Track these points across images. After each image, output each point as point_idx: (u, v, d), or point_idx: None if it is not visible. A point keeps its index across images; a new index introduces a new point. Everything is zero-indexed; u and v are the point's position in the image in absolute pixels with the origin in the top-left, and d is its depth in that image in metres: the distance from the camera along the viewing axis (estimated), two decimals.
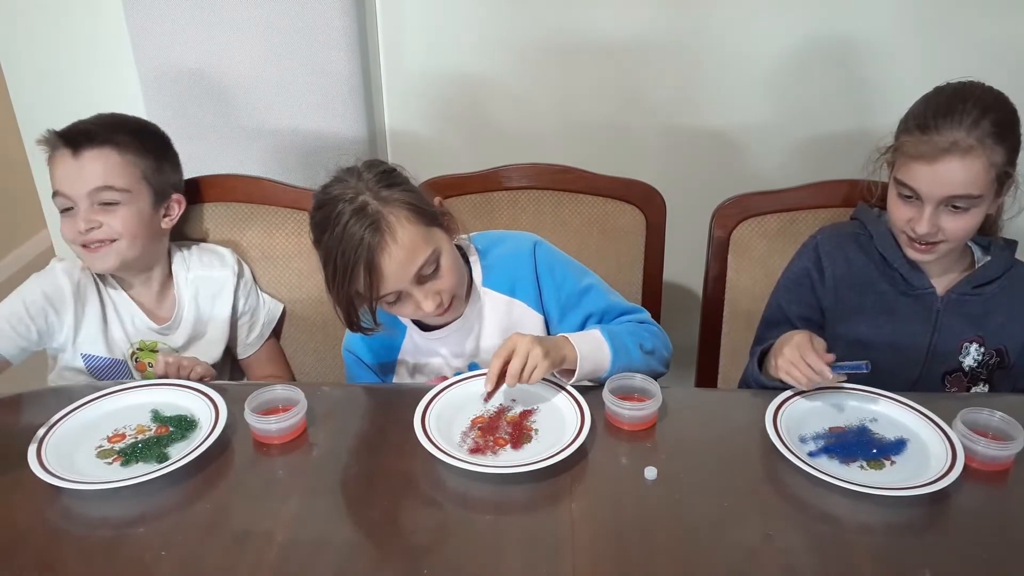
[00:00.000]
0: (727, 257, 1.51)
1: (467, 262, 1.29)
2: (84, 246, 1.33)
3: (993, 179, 1.18)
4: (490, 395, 1.13)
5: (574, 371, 1.16)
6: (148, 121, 1.43)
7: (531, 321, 1.29)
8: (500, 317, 1.29)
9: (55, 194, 1.33)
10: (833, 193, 1.47)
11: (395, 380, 1.33)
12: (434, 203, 1.21)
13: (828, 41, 1.75)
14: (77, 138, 1.31)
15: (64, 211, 1.33)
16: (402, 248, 1.12)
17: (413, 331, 1.30)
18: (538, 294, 1.29)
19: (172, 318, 1.42)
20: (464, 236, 1.28)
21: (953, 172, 1.17)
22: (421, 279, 1.16)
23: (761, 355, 1.25)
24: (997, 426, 1.07)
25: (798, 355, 1.12)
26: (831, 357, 1.12)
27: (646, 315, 1.32)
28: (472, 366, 1.30)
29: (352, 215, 1.12)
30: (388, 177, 1.16)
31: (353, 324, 1.19)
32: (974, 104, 1.17)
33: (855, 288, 1.31)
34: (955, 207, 1.19)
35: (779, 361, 1.15)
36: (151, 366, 1.41)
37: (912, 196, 1.21)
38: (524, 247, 1.29)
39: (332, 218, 1.13)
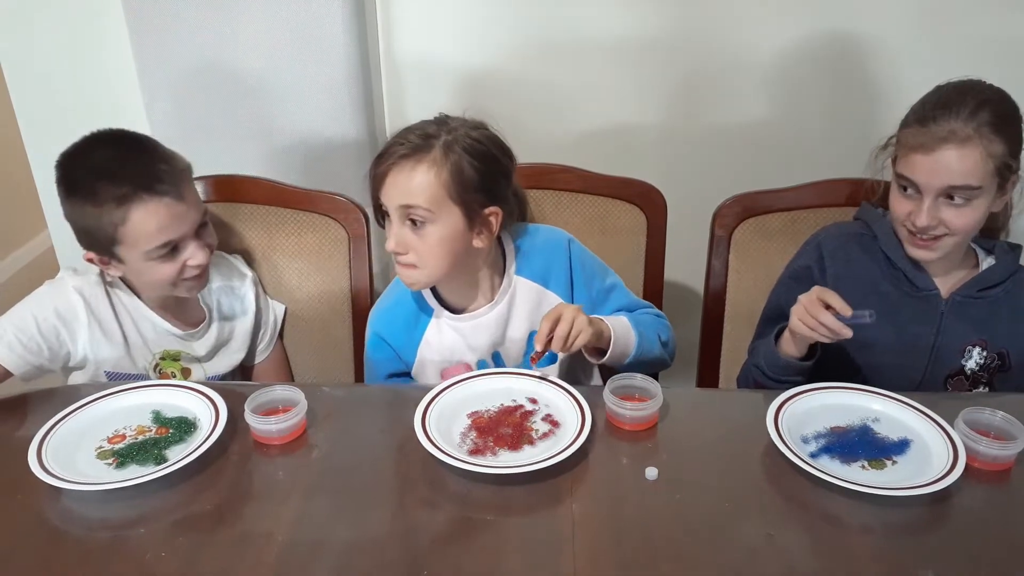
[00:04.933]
0: (728, 256, 1.51)
1: (503, 252, 1.32)
2: (187, 277, 1.30)
3: (993, 171, 1.17)
4: (538, 356, 1.19)
5: (605, 351, 1.22)
6: (110, 131, 1.33)
7: None
8: (531, 306, 1.31)
9: (158, 247, 1.25)
10: (834, 192, 1.47)
11: (415, 365, 1.33)
12: (497, 199, 1.23)
13: (829, 40, 1.75)
14: (168, 180, 1.24)
15: (167, 254, 1.26)
16: (409, 178, 1.18)
17: (441, 313, 1.31)
18: (570, 287, 1.32)
19: (199, 328, 1.41)
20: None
21: (950, 161, 1.17)
22: (408, 219, 1.19)
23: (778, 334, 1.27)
24: (999, 426, 1.07)
25: (805, 312, 1.16)
26: (848, 312, 1.14)
27: (658, 311, 1.39)
28: (495, 355, 1.31)
29: (413, 128, 1.21)
30: (474, 129, 1.23)
31: (377, 216, 1.26)
32: (972, 97, 1.17)
33: (858, 289, 1.30)
34: (955, 199, 1.19)
35: (793, 311, 1.19)
36: (174, 375, 1.40)
37: (912, 189, 1.21)
38: (560, 240, 1.33)
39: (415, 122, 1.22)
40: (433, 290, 1.32)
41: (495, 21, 1.77)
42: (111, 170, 1.24)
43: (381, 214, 1.24)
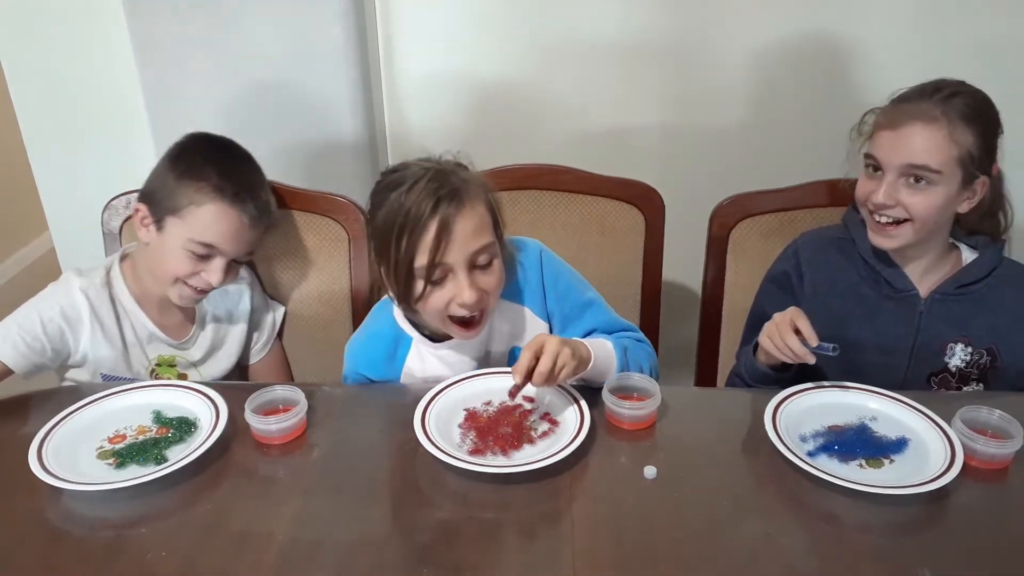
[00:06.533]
0: (726, 256, 1.51)
1: None
2: (191, 286, 1.33)
3: (956, 159, 1.17)
4: (517, 390, 1.11)
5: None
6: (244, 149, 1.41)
7: (538, 328, 1.28)
8: (509, 324, 1.29)
9: (201, 243, 1.30)
10: (831, 192, 1.47)
11: None
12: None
13: (827, 41, 1.76)
14: (260, 207, 1.34)
15: (199, 255, 1.31)
16: (472, 221, 1.12)
17: (419, 342, 1.28)
18: (543, 301, 1.29)
19: (191, 334, 1.43)
20: None
21: (914, 137, 1.17)
22: (473, 265, 1.14)
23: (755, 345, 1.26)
24: (996, 424, 1.07)
25: (775, 331, 1.17)
26: (814, 342, 1.14)
27: (641, 335, 1.33)
28: None
29: (434, 178, 1.11)
30: (465, 168, 1.18)
31: (407, 294, 1.15)
32: (950, 87, 1.19)
33: (836, 293, 1.31)
34: (914, 181, 1.19)
35: (765, 329, 1.19)
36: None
37: (876, 168, 1.22)
38: (532, 252, 1.29)
39: (408, 179, 1.12)
40: (409, 318, 1.28)
41: (494, 23, 1.78)
42: (227, 169, 1.32)
43: (425, 278, 1.13)
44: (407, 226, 1.10)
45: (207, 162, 1.32)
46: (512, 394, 1.13)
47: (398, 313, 1.29)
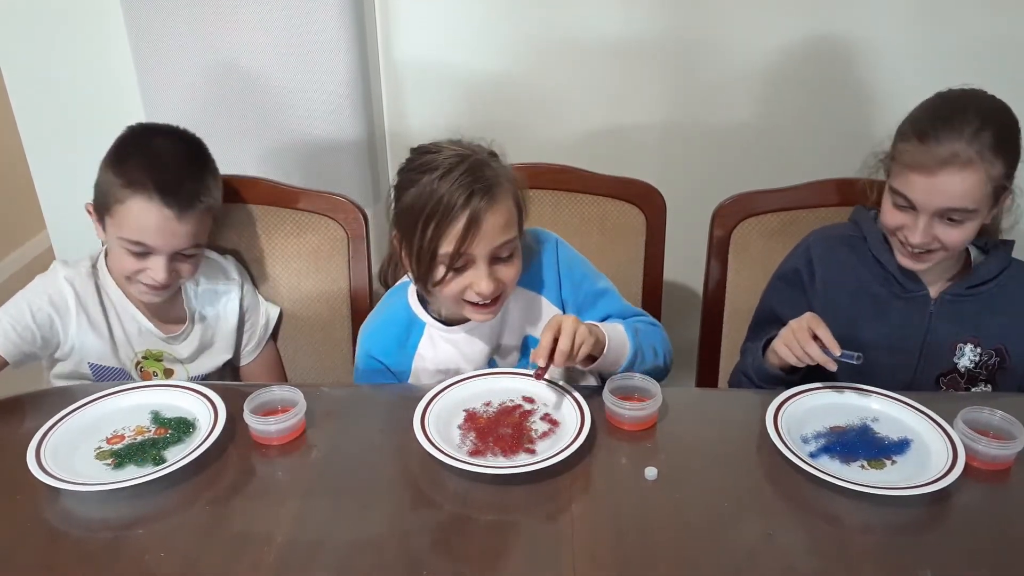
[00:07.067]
0: (727, 256, 1.51)
1: None
2: (144, 283, 1.32)
3: (990, 193, 1.17)
4: (544, 371, 1.13)
5: (595, 358, 1.18)
6: (196, 137, 1.38)
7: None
8: (524, 313, 1.30)
9: (131, 241, 1.27)
10: (833, 192, 1.47)
11: (411, 378, 1.31)
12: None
13: (828, 40, 1.75)
14: (183, 199, 1.27)
15: (136, 252, 1.29)
16: (501, 216, 1.14)
17: (432, 327, 1.29)
18: (559, 290, 1.30)
19: (181, 330, 1.42)
20: None
21: (951, 185, 1.15)
22: (495, 258, 1.16)
23: (765, 344, 1.26)
24: (998, 425, 1.07)
25: (793, 338, 1.15)
26: (836, 351, 1.12)
27: (653, 319, 1.34)
28: (491, 363, 1.30)
29: (469, 170, 1.13)
30: (496, 158, 1.20)
31: (427, 277, 1.17)
32: (976, 114, 1.15)
33: (847, 291, 1.31)
34: (951, 219, 1.18)
35: (781, 335, 1.17)
36: (156, 375, 1.41)
37: (907, 206, 1.20)
38: (548, 242, 1.31)
39: (441, 165, 1.13)
40: (423, 303, 1.30)
41: (494, 21, 1.77)
42: (152, 160, 1.28)
43: (448, 265, 1.15)
44: (437, 213, 1.12)
45: (131, 155, 1.29)
46: (538, 376, 1.15)
47: (412, 298, 1.30)
